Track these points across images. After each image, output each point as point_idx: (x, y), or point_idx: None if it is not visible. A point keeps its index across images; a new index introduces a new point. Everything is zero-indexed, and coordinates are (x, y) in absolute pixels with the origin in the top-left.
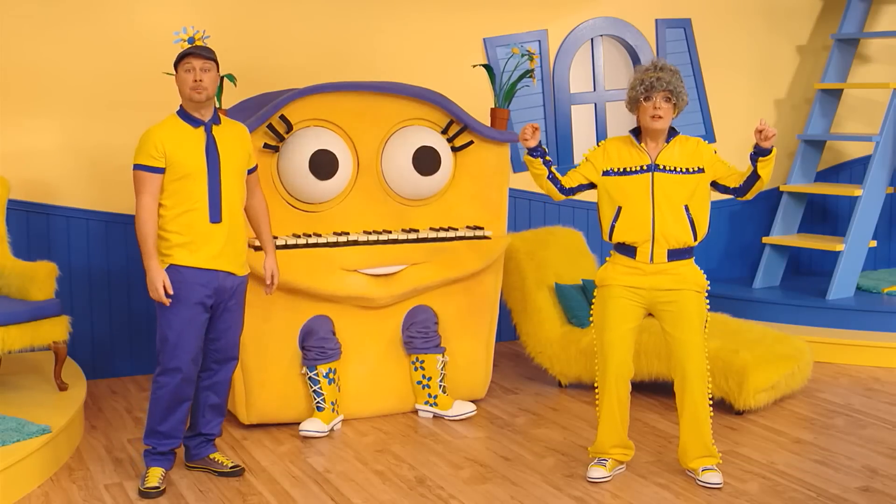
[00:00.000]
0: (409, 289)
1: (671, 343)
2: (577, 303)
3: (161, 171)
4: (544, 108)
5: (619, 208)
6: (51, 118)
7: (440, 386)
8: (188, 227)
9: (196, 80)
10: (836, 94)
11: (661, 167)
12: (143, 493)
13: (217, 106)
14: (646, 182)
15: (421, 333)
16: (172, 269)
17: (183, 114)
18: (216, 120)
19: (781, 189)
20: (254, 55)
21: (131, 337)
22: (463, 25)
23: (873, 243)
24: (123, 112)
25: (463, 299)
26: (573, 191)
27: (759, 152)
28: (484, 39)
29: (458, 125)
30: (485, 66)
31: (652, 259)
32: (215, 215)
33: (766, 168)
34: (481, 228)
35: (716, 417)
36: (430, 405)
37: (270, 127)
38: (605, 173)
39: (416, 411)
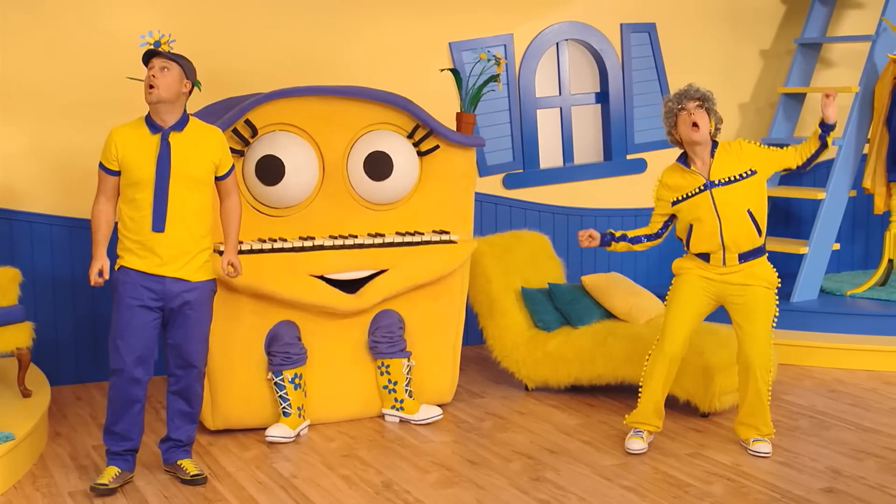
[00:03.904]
0: (378, 299)
1: (738, 334)
2: (544, 306)
3: (115, 173)
4: (510, 112)
5: (691, 226)
6: (14, 122)
7: (406, 390)
8: (136, 232)
9: (148, 83)
10: (799, 98)
11: (717, 181)
12: (92, 489)
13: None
14: (707, 199)
15: (386, 338)
16: (122, 271)
17: (147, 118)
18: (179, 126)
19: None
20: (219, 59)
21: (96, 343)
22: (429, 30)
23: (836, 246)
24: (87, 116)
25: (429, 303)
26: (661, 232)
27: (825, 128)
28: (450, 44)
29: (423, 129)
30: (451, 70)
31: (724, 263)
32: (158, 225)
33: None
34: (447, 233)
35: (680, 419)
36: (397, 409)
37: (235, 131)
38: (674, 203)
39: (382, 416)
